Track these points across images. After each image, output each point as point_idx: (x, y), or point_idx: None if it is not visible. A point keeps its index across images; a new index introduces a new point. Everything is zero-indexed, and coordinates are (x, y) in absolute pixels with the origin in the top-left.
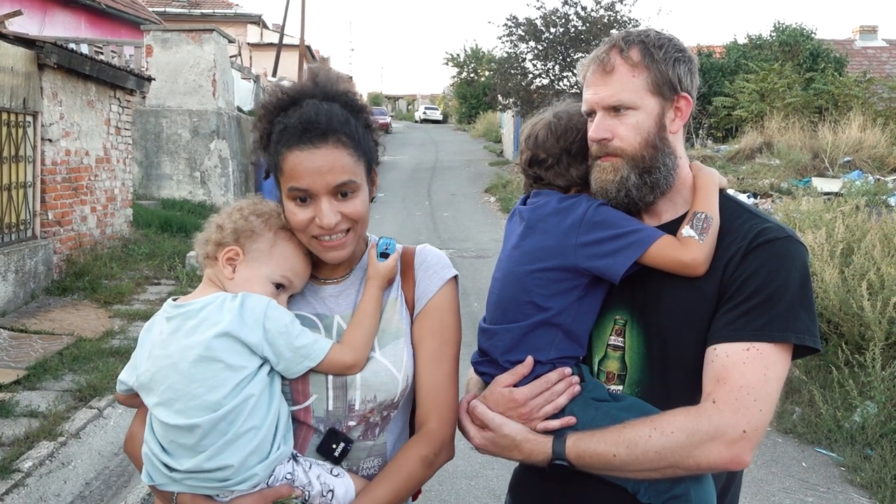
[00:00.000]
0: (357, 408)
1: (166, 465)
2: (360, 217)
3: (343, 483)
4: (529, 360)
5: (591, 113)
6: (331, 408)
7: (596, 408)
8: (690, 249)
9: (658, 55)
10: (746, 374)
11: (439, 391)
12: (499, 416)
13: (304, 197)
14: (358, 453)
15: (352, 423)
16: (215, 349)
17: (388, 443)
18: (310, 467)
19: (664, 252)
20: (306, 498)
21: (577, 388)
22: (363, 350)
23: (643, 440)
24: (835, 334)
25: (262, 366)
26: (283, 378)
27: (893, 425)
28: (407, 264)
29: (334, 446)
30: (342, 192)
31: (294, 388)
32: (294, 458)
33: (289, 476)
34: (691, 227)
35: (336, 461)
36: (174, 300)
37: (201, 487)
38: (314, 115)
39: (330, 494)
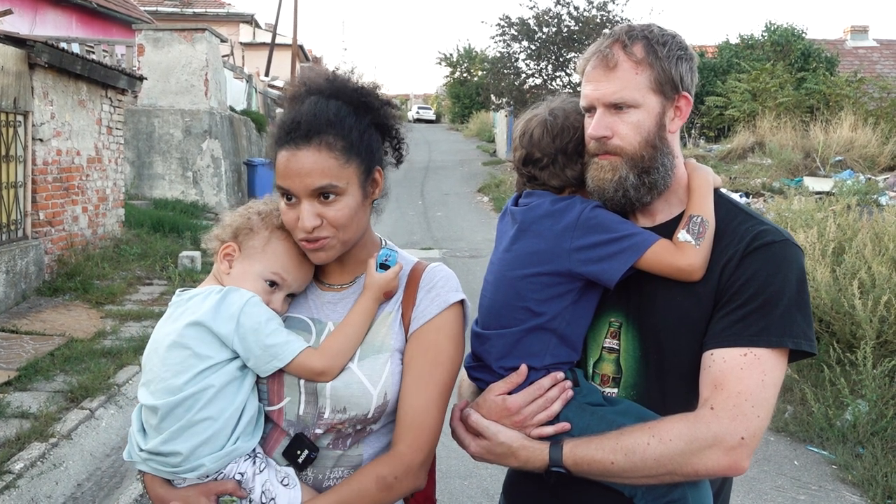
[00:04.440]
0: (326, 416)
1: (138, 444)
2: (342, 223)
3: (288, 494)
4: (523, 368)
5: (591, 109)
6: (301, 413)
7: (591, 413)
8: (687, 254)
9: (662, 52)
10: (744, 379)
11: (418, 414)
12: (494, 425)
13: (290, 196)
14: (325, 461)
15: (319, 431)
16: (186, 336)
17: (365, 456)
18: (262, 470)
19: (660, 257)
20: (249, 501)
21: (571, 393)
22: (337, 358)
23: (641, 448)
24: (826, 333)
25: (233, 360)
26: (262, 377)
27: (884, 423)
28: (413, 280)
29: (298, 452)
30: (323, 194)
31: (270, 388)
32: (254, 457)
33: (240, 475)
34: (687, 231)
35: (300, 468)
36: (182, 290)
37: (159, 469)
38: (303, 114)
39: (271, 503)
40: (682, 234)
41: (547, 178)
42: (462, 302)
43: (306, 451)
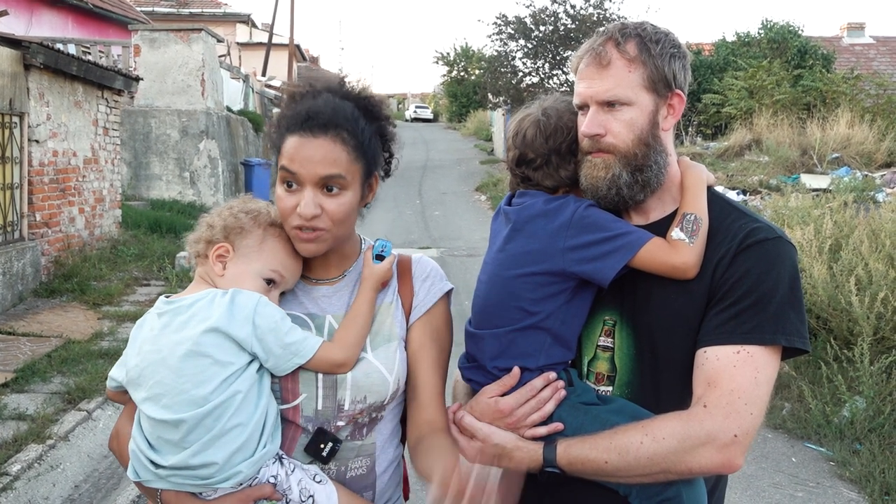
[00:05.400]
0: (346, 408)
1: (152, 462)
2: (340, 219)
3: (325, 490)
4: (516, 370)
5: (584, 106)
6: (320, 407)
7: (585, 412)
8: (681, 252)
9: (655, 50)
10: (737, 377)
11: (442, 397)
12: (487, 426)
13: (292, 182)
14: (346, 453)
15: (340, 424)
16: (204, 344)
17: (377, 443)
18: (293, 470)
19: (654, 255)
20: (286, 502)
21: (563, 393)
22: (354, 349)
23: (635, 446)
24: (823, 330)
25: (251, 362)
26: (272, 376)
27: (882, 420)
28: (404, 271)
29: (322, 446)
30: (328, 185)
31: (284, 386)
32: (280, 459)
33: (273, 478)
34: (681, 229)
35: (324, 461)
36: (166, 297)
37: (185, 484)
38: (322, 106)
39: (310, 500)
40: (675, 232)
41: (541, 178)
42: (451, 290)
43: (330, 444)
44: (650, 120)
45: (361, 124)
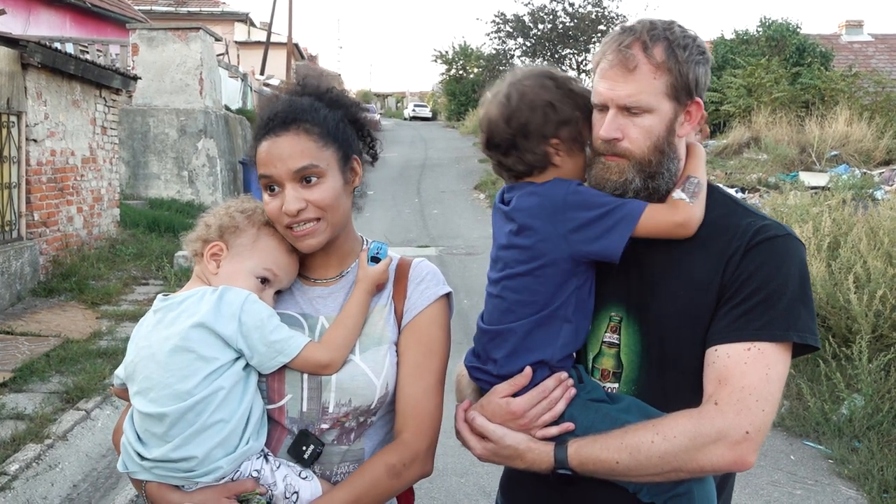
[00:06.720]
0: (331, 410)
1: (138, 454)
2: (327, 205)
3: (310, 486)
4: (528, 370)
5: (603, 107)
6: (305, 409)
7: (595, 410)
8: (681, 210)
9: (682, 56)
10: (748, 374)
11: (419, 402)
12: (500, 428)
13: (273, 186)
14: (331, 458)
15: (325, 427)
16: (190, 339)
17: (366, 449)
18: (278, 467)
19: (655, 219)
20: (270, 497)
21: (573, 391)
22: (340, 350)
23: (646, 446)
24: (822, 327)
25: (237, 360)
26: (260, 376)
27: (880, 417)
28: (401, 275)
29: (304, 448)
30: (306, 177)
31: (270, 386)
32: (265, 456)
33: (255, 473)
34: (683, 190)
35: (305, 464)
36: (163, 295)
37: (168, 477)
38: (280, 106)
39: (295, 496)
40: (676, 193)
41: (512, 164)
42: (448, 294)
43: (312, 447)
44: (668, 127)
45: (323, 112)
